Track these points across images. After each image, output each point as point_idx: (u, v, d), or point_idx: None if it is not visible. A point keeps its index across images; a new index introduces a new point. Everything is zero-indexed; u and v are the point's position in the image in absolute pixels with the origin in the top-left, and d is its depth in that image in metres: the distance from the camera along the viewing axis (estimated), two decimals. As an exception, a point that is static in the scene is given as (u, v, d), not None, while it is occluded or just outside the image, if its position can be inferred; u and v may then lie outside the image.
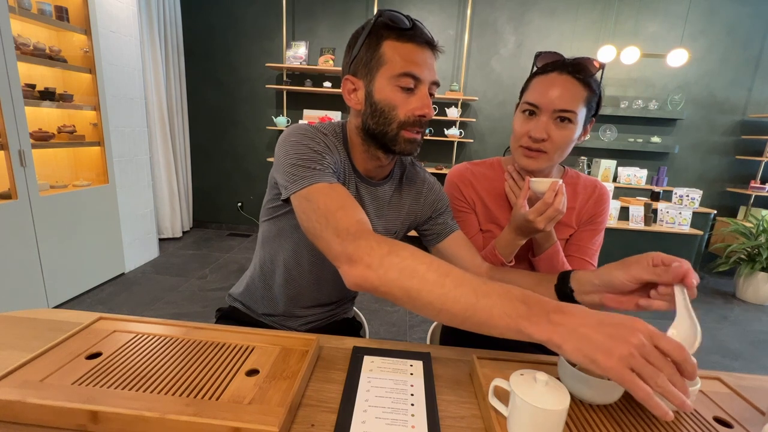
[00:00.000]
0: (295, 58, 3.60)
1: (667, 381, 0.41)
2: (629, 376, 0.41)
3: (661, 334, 0.44)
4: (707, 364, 2.12)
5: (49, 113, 2.33)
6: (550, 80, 0.80)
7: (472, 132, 3.86)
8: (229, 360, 0.61)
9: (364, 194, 0.83)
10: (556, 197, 0.74)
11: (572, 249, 0.94)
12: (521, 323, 0.48)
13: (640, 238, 2.88)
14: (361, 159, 0.80)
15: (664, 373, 0.42)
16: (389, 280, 0.54)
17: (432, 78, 0.72)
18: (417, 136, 0.73)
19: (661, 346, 0.43)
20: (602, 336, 0.44)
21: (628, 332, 0.43)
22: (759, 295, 2.95)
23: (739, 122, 3.69)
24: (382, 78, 0.70)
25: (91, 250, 2.45)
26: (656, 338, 0.43)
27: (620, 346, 0.42)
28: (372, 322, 2.34)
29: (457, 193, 0.96)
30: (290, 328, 0.93)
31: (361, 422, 0.52)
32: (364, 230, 0.60)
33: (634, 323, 0.44)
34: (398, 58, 0.69)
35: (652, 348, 0.42)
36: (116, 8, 2.57)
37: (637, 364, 0.42)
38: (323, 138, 0.73)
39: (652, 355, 0.42)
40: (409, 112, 0.71)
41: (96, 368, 0.56)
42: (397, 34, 0.69)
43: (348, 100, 0.75)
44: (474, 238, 0.95)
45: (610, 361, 0.42)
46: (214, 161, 4.00)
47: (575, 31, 3.58)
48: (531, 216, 0.76)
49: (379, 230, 0.86)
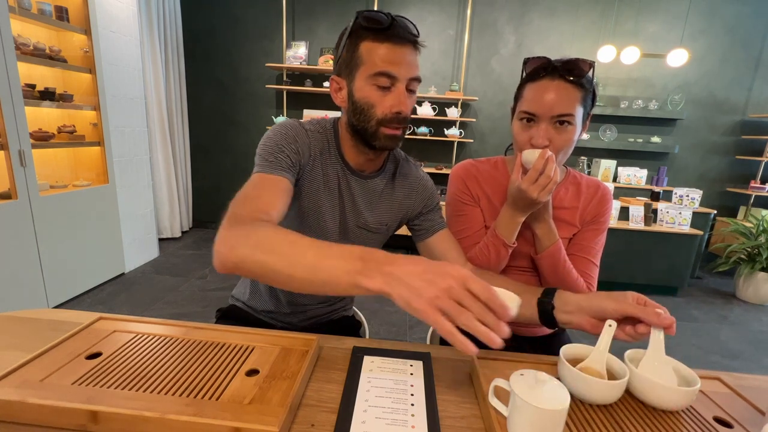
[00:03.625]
0: (295, 58, 3.60)
1: (473, 319, 0.45)
2: (434, 315, 0.45)
3: (472, 277, 0.47)
4: (707, 364, 2.12)
5: (49, 113, 2.33)
6: (543, 86, 0.79)
7: (472, 132, 3.86)
8: (229, 360, 0.61)
9: (355, 187, 0.85)
10: (547, 164, 0.75)
11: (576, 248, 0.94)
12: (358, 278, 0.50)
13: (640, 238, 2.88)
14: (352, 153, 0.83)
15: (473, 313, 0.45)
16: (244, 256, 0.56)
17: (410, 74, 0.73)
18: (397, 132, 0.76)
19: (471, 287, 0.46)
20: (420, 282, 0.47)
21: (440, 277, 0.47)
22: (759, 295, 2.95)
23: (739, 122, 3.69)
24: (361, 78, 0.73)
25: (91, 250, 2.45)
26: (467, 282, 0.47)
27: (430, 289, 0.46)
28: (372, 322, 2.34)
29: (462, 187, 0.96)
30: (291, 324, 0.95)
31: (361, 422, 0.52)
32: (254, 218, 0.62)
33: (449, 269, 0.47)
34: (374, 58, 0.71)
35: (461, 290, 0.46)
36: (116, 8, 2.57)
37: (444, 305, 0.45)
38: (300, 133, 0.78)
39: (461, 297, 0.46)
40: (387, 110, 0.73)
41: (96, 368, 0.56)
42: (374, 34, 0.71)
43: (335, 99, 0.80)
44: (478, 232, 0.95)
45: (420, 303, 0.46)
46: (214, 161, 3.99)
47: (575, 31, 3.58)
48: (524, 185, 0.76)
49: (371, 223, 0.88)
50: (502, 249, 0.86)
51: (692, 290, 3.17)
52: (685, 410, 0.58)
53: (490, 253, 0.87)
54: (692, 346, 2.31)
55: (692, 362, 0.64)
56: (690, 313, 2.74)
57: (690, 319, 2.65)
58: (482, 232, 0.96)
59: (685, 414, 0.57)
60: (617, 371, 0.59)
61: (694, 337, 2.42)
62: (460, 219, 0.96)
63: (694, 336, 2.43)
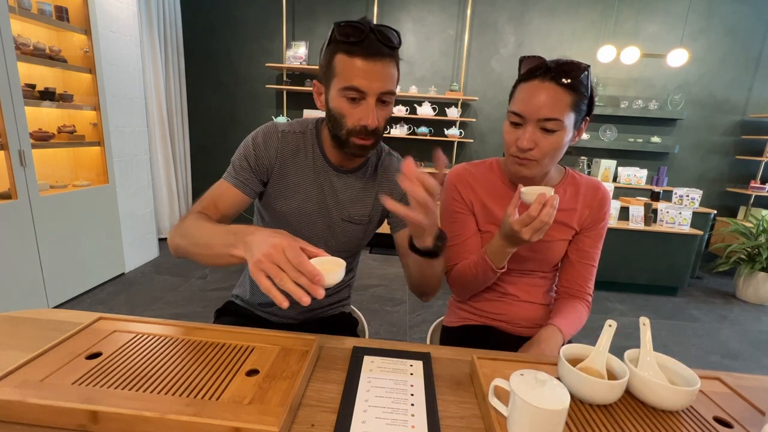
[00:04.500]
0: (295, 58, 3.60)
1: (287, 280, 0.53)
2: (257, 275, 0.54)
3: (290, 246, 0.55)
4: (707, 364, 2.12)
5: (49, 113, 2.33)
6: (533, 88, 0.77)
7: (472, 132, 3.86)
8: (229, 360, 0.61)
9: (337, 182, 0.88)
10: (543, 209, 0.72)
11: (578, 255, 0.93)
12: (231, 249, 0.61)
13: (640, 238, 2.88)
14: (332, 152, 0.86)
15: (288, 274, 0.53)
16: (176, 243, 0.73)
17: (381, 89, 0.74)
18: (366, 142, 0.78)
19: (287, 254, 0.54)
20: (256, 248, 0.56)
21: (268, 245, 0.55)
22: (759, 295, 2.94)
23: (739, 122, 3.69)
24: (334, 88, 0.76)
25: (91, 250, 2.45)
26: (286, 249, 0.55)
27: (256, 254, 0.55)
28: (372, 322, 2.34)
29: (455, 195, 0.95)
30: (289, 317, 0.96)
31: (361, 422, 0.52)
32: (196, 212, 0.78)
33: (275, 238, 0.56)
34: (346, 72, 0.73)
35: (280, 256, 0.54)
36: (116, 8, 2.57)
37: (265, 267, 0.54)
38: (270, 138, 0.84)
39: (279, 261, 0.54)
40: (356, 122, 0.76)
41: (96, 368, 0.56)
42: (347, 48, 0.72)
43: (316, 102, 0.84)
44: (470, 239, 0.94)
45: (250, 265, 0.55)
46: (214, 161, 3.99)
47: (575, 31, 3.58)
48: (516, 226, 0.73)
49: (355, 216, 0.91)
50: (490, 272, 0.85)
51: (692, 290, 3.17)
52: (685, 410, 0.58)
53: (477, 273, 0.87)
54: (692, 346, 2.30)
55: (692, 362, 0.64)
56: (690, 313, 2.74)
57: (690, 319, 2.65)
58: (475, 239, 0.95)
59: (685, 414, 0.57)
60: (617, 371, 0.59)
61: (694, 337, 2.42)
62: (452, 225, 0.95)
63: (694, 336, 2.43)
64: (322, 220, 0.89)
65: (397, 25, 3.65)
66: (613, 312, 2.68)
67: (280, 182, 0.86)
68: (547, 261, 0.94)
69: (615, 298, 2.90)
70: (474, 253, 0.94)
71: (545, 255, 0.93)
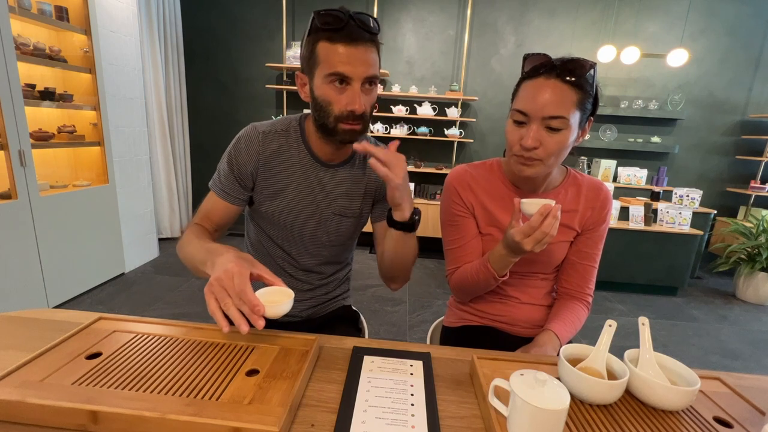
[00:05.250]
0: (295, 58, 3.60)
1: (231, 306, 0.57)
2: (207, 296, 0.59)
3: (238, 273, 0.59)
4: (707, 364, 2.12)
5: (49, 113, 2.33)
6: (538, 85, 0.75)
7: (472, 132, 3.86)
8: (229, 360, 0.61)
9: (325, 177, 0.88)
10: (545, 220, 0.71)
11: (579, 256, 0.93)
12: (205, 266, 0.67)
13: (640, 238, 2.88)
14: (319, 146, 0.86)
15: (233, 300, 0.58)
16: (179, 256, 0.80)
17: (365, 74, 0.74)
18: (355, 127, 0.78)
19: (234, 281, 0.59)
20: (214, 272, 0.61)
21: (222, 270, 0.60)
22: (759, 295, 2.94)
23: (739, 122, 3.69)
24: (318, 77, 0.76)
25: (91, 250, 2.45)
26: (234, 276, 0.59)
27: (212, 276, 0.60)
28: (372, 322, 2.34)
29: (455, 197, 0.93)
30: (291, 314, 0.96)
31: (361, 422, 0.52)
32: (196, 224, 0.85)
33: (228, 265, 0.61)
34: (329, 59, 0.73)
35: (229, 282, 0.59)
36: (116, 8, 2.57)
37: (214, 290, 0.59)
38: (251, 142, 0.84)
39: (228, 287, 0.59)
40: (342, 108, 0.76)
41: (96, 368, 0.56)
42: (329, 35, 0.72)
43: (300, 94, 0.83)
44: (471, 242, 0.93)
45: (206, 287, 0.60)
46: (214, 161, 3.95)
47: (575, 31, 3.58)
48: (517, 237, 0.73)
49: (346, 209, 0.92)
50: (492, 280, 0.85)
51: (692, 290, 3.17)
52: (685, 410, 0.58)
53: (479, 279, 0.87)
54: (692, 346, 2.30)
55: (692, 362, 0.64)
56: (690, 313, 2.74)
57: (690, 319, 2.65)
58: (476, 242, 0.94)
59: (685, 414, 0.57)
60: (617, 371, 0.59)
61: (694, 337, 2.42)
62: (453, 229, 0.95)
63: (694, 336, 2.42)
64: (313, 216, 0.89)
65: (397, 25, 3.65)
66: (613, 312, 2.68)
67: (268, 183, 0.86)
68: (548, 263, 0.94)
69: (615, 298, 2.91)
70: (475, 255, 0.93)
71: (546, 257, 0.92)
